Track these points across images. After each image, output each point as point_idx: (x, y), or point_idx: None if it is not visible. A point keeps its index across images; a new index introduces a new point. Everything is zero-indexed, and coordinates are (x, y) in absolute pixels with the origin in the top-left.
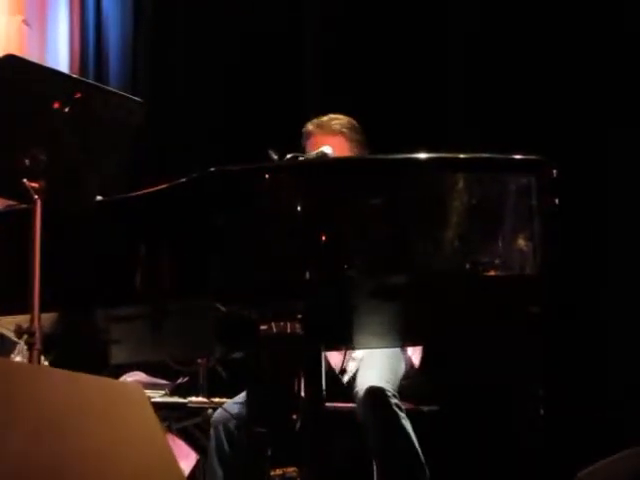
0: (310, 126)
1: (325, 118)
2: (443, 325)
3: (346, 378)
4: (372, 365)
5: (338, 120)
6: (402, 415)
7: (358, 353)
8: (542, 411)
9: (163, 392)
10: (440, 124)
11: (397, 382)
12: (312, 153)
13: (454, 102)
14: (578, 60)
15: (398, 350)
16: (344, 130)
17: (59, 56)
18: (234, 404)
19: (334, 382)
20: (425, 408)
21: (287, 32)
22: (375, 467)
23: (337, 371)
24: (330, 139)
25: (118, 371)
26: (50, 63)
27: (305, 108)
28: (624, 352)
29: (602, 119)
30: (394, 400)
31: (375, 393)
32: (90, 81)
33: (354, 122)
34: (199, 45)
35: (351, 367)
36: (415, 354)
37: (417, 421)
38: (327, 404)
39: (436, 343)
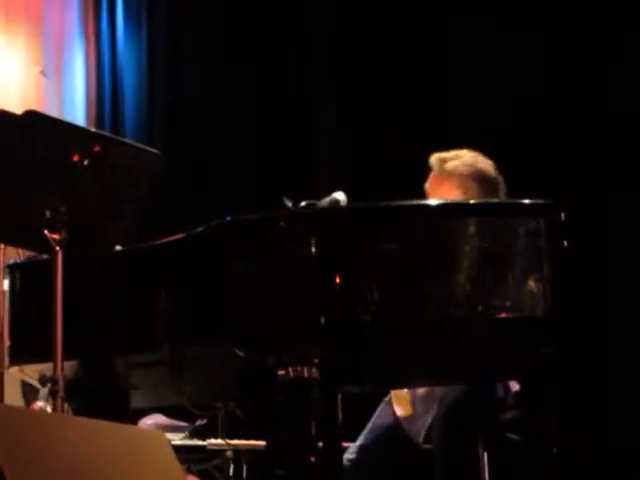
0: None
1: (450, 154)
2: (458, 367)
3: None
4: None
5: (460, 160)
6: None
7: None
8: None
9: (183, 435)
10: None
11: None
12: (325, 200)
13: None
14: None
15: None
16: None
17: (75, 105)
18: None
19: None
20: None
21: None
22: None
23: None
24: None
25: (138, 414)
26: (67, 112)
27: (316, 158)
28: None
29: (604, 171)
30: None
31: None
32: (108, 134)
33: (482, 167)
34: (214, 92)
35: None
36: None
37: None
38: None
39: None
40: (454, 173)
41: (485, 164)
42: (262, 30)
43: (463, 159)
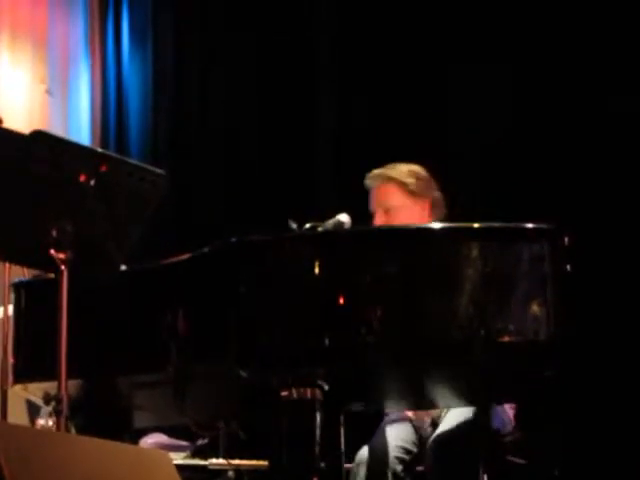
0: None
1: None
2: (459, 389)
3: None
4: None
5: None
6: None
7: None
8: None
9: (184, 454)
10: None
11: None
12: (329, 222)
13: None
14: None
15: None
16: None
17: (80, 123)
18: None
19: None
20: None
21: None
22: None
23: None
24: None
25: (139, 433)
26: (72, 130)
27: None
28: None
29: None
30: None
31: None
32: (114, 155)
33: (415, 168)
34: (219, 113)
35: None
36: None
37: None
38: None
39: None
40: (393, 177)
41: (417, 167)
42: (268, 41)
43: (397, 166)
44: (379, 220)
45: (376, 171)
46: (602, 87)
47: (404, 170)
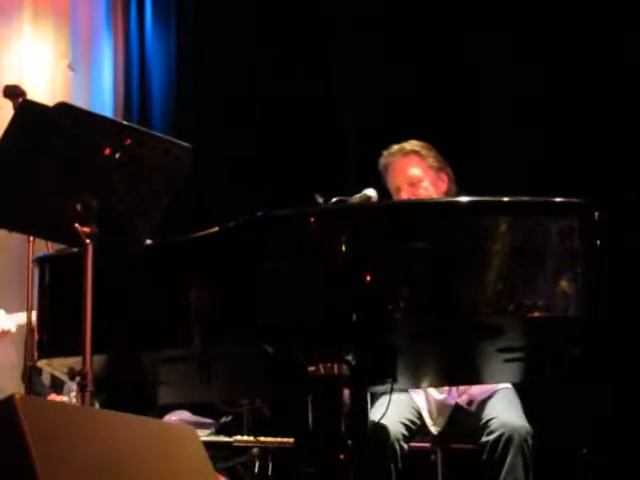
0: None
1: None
2: (488, 366)
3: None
4: (506, 403)
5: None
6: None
7: None
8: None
9: (209, 431)
10: (482, 167)
11: None
12: (356, 196)
13: (498, 149)
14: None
15: None
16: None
17: (103, 99)
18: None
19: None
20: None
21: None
22: None
23: (464, 403)
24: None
25: (163, 410)
26: (94, 106)
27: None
28: None
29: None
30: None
31: (520, 433)
32: (140, 127)
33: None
34: (243, 87)
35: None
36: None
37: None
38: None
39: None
40: (414, 149)
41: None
42: (291, 21)
43: (409, 142)
44: (405, 194)
45: (392, 147)
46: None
47: (419, 144)
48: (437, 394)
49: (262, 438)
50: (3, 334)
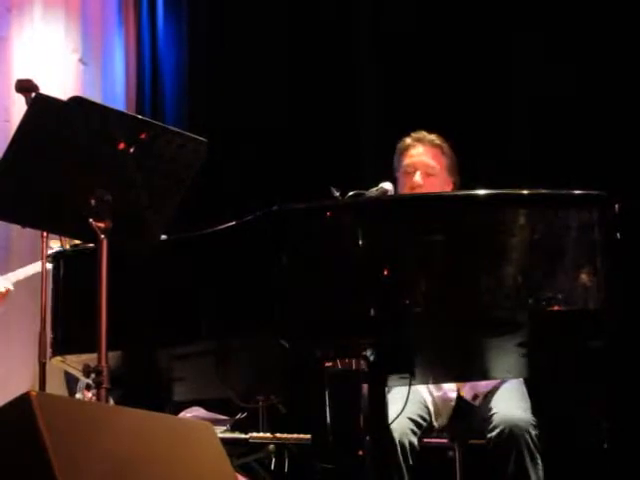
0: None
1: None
2: (506, 361)
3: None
4: (509, 396)
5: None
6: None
7: None
8: (606, 444)
9: (224, 428)
10: (503, 159)
11: None
12: (373, 190)
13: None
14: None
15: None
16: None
17: (115, 92)
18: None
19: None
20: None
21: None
22: None
23: (469, 398)
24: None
25: (178, 407)
26: (106, 100)
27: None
28: None
29: None
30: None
31: (520, 426)
32: (154, 121)
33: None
34: (255, 81)
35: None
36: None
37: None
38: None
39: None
40: (439, 143)
41: None
42: (306, 10)
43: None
44: (416, 183)
45: (421, 132)
46: None
47: (444, 142)
48: (435, 390)
49: (278, 434)
50: (1, 295)
